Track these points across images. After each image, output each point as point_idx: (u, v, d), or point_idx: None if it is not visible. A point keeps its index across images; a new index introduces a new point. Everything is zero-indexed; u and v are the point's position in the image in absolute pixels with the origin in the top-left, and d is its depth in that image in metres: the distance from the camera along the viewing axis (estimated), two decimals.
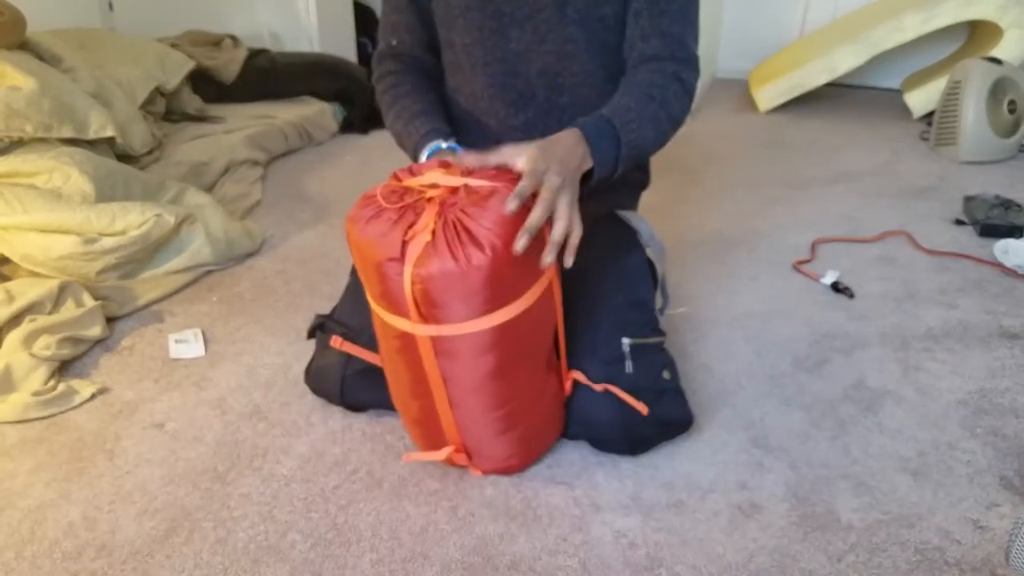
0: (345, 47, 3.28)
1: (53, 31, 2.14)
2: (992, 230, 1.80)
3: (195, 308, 1.51)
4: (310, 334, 1.22)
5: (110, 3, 2.63)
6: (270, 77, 2.67)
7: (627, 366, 1.02)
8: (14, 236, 1.51)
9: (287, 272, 1.66)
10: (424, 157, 1.05)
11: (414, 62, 1.18)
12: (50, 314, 1.36)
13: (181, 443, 1.13)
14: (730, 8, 3.40)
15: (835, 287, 1.57)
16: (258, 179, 2.18)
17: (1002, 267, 1.65)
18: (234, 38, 2.81)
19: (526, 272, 0.86)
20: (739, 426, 1.15)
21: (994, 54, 2.46)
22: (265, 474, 1.06)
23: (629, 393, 1.01)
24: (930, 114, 2.64)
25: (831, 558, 0.92)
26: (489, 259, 0.80)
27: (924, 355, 1.34)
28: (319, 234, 1.86)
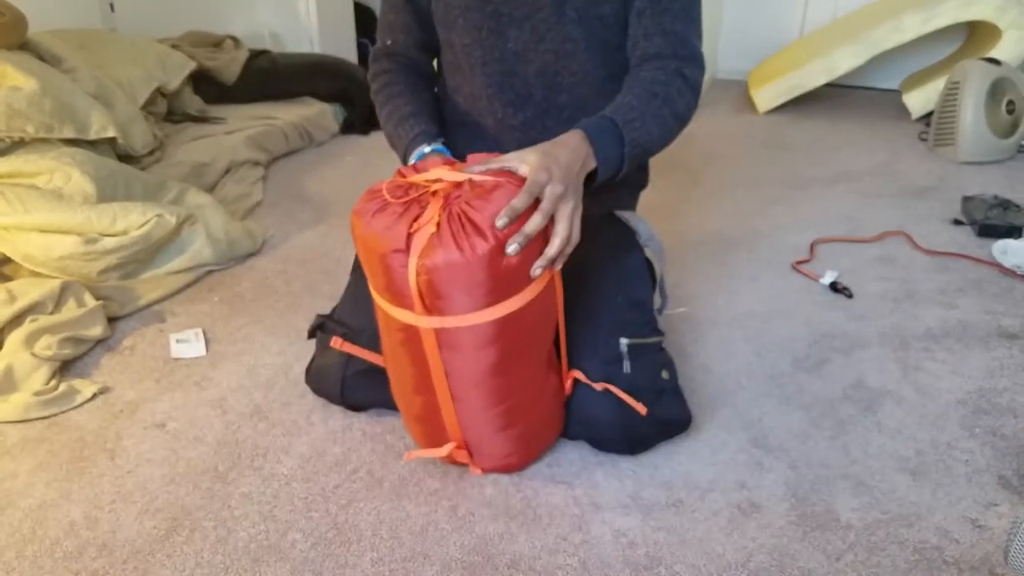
0: (345, 48, 3.28)
1: (54, 31, 2.14)
2: (991, 230, 1.80)
3: (196, 308, 1.52)
4: (310, 334, 1.23)
5: (111, 4, 2.64)
6: (271, 78, 2.68)
7: (625, 366, 1.03)
8: (15, 236, 1.52)
9: (288, 272, 1.67)
10: (412, 161, 1.05)
11: (409, 62, 1.19)
12: (51, 314, 1.37)
13: (182, 443, 1.13)
14: (730, 8, 3.40)
15: (834, 287, 1.57)
16: (259, 179, 2.19)
17: (1001, 267, 1.66)
18: (235, 39, 2.81)
19: (528, 266, 0.86)
20: (738, 426, 1.16)
21: (993, 55, 2.46)
22: (266, 474, 1.06)
23: (628, 393, 1.01)
24: (929, 114, 2.64)
25: (830, 557, 0.92)
26: (492, 249, 0.81)
27: (923, 355, 1.34)
28: (320, 234, 1.86)
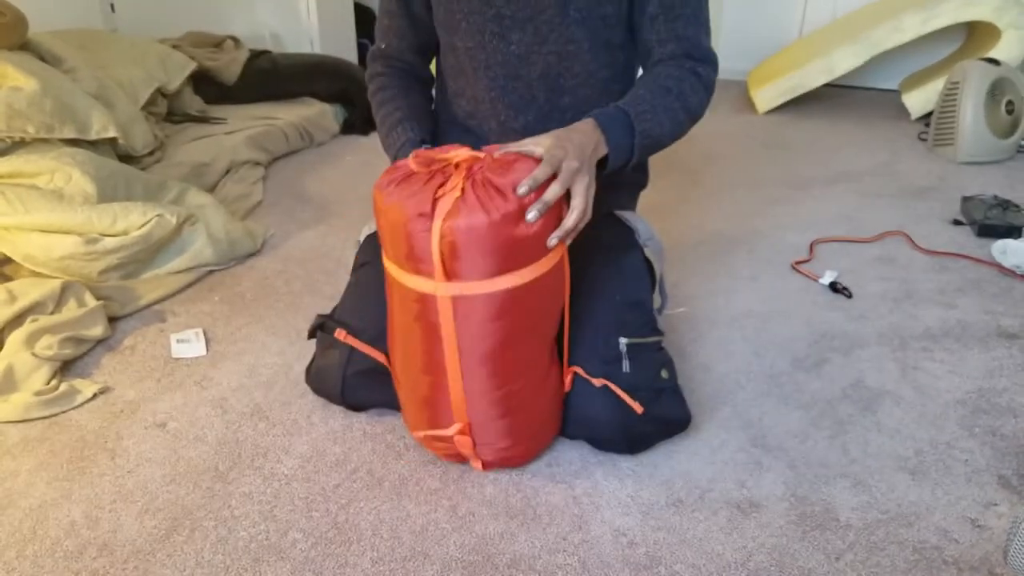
0: (346, 48, 3.28)
1: (54, 32, 2.14)
2: (990, 230, 1.80)
3: (197, 308, 1.52)
4: (311, 334, 1.23)
5: (111, 4, 2.64)
6: (271, 78, 2.68)
7: (624, 365, 1.03)
8: (16, 236, 1.52)
9: (288, 272, 1.67)
10: None
11: (404, 66, 1.22)
12: (52, 314, 1.37)
13: (182, 442, 1.13)
14: (729, 9, 3.40)
15: (834, 287, 1.57)
16: (259, 179, 2.19)
17: (1000, 267, 1.66)
18: (235, 39, 2.81)
19: (544, 239, 0.89)
20: (738, 425, 1.16)
21: (992, 55, 2.46)
22: (266, 473, 1.07)
23: (627, 392, 1.01)
24: (928, 115, 2.64)
25: (829, 557, 0.92)
26: (514, 212, 0.84)
27: (922, 355, 1.34)
28: (320, 234, 1.87)
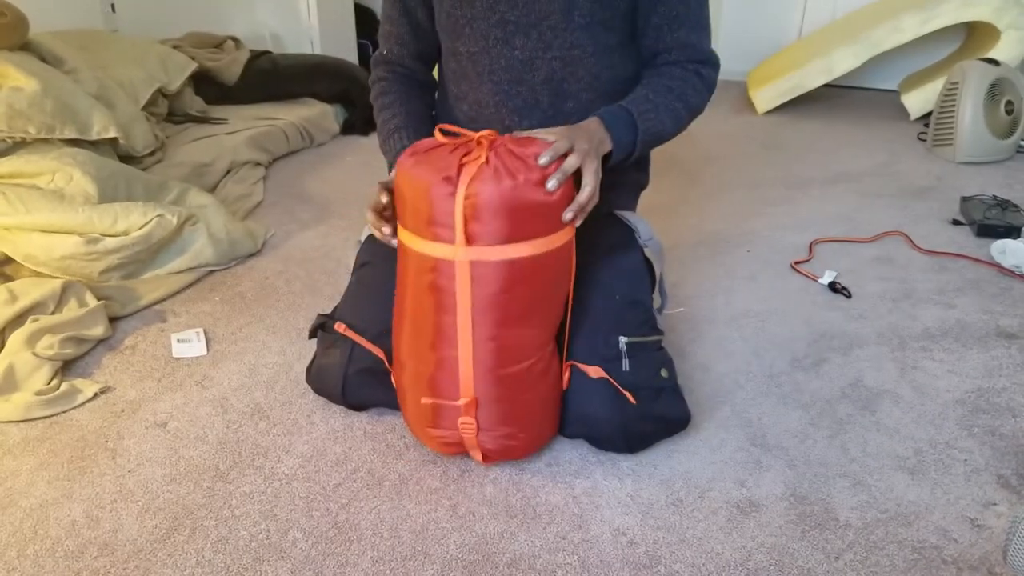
0: (346, 49, 3.29)
1: (55, 32, 2.14)
2: (989, 230, 1.81)
3: (197, 308, 1.52)
4: (311, 334, 1.23)
5: (112, 5, 2.64)
6: (272, 79, 2.68)
7: (624, 364, 1.03)
8: (17, 236, 1.52)
9: (288, 272, 1.67)
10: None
11: (405, 71, 1.24)
12: (53, 314, 1.37)
13: (183, 442, 1.13)
14: (729, 9, 3.41)
15: (833, 287, 1.57)
16: (260, 180, 2.19)
17: (999, 267, 1.66)
18: (236, 40, 2.82)
19: (559, 212, 0.93)
20: (737, 425, 1.16)
21: (991, 55, 2.47)
22: (267, 473, 1.07)
23: (626, 391, 1.02)
24: (928, 115, 2.64)
25: (829, 556, 0.92)
26: (536, 179, 0.89)
27: (921, 354, 1.35)
28: (320, 234, 1.87)
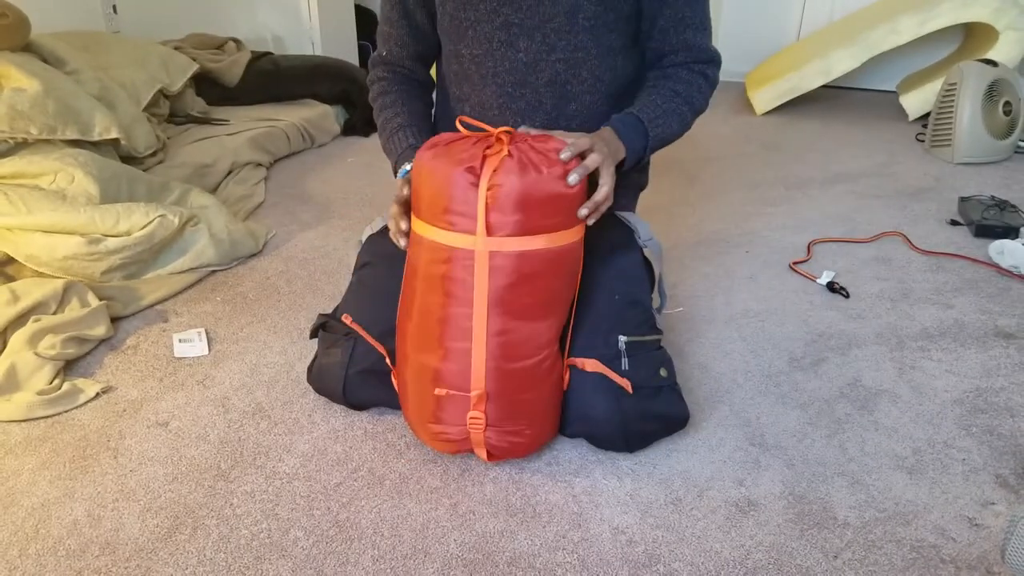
0: (347, 50, 3.29)
1: (57, 33, 2.15)
2: (987, 231, 1.81)
3: (199, 308, 1.52)
4: (312, 334, 1.24)
5: (114, 6, 2.65)
6: (273, 80, 2.69)
7: (623, 363, 1.04)
8: (19, 237, 1.53)
9: (289, 272, 1.68)
10: (400, 175, 1.10)
11: (405, 71, 1.25)
12: (55, 314, 1.38)
13: (185, 441, 1.14)
14: (728, 11, 3.42)
15: (831, 287, 1.58)
16: (261, 180, 2.20)
17: (997, 267, 1.67)
18: (237, 41, 2.82)
19: (575, 206, 0.95)
20: (736, 424, 1.16)
21: (990, 56, 2.47)
22: (268, 472, 1.07)
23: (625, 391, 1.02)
24: (926, 116, 2.65)
25: (827, 555, 0.93)
26: (558, 173, 0.91)
27: (919, 354, 1.35)
28: (321, 235, 1.87)
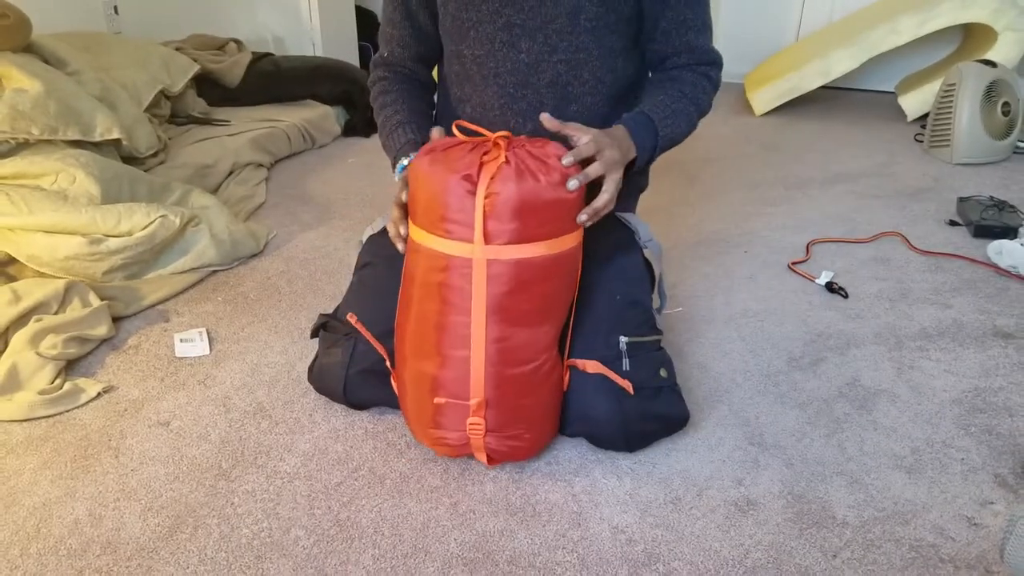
0: (347, 51, 3.30)
1: (58, 34, 2.15)
2: (986, 231, 1.81)
3: (200, 308, 1.53)
4: (313, 333, 1.24)
5: (115, 7, 2.65)
6: (274, 81, 2.69)
7: (624, 363, 1.04)
8: (20, 237, 1.53)
9: (290, 272, 1.68)
10: (399, 170, 1.10)
11: (406, 72, 1.25)
12: (56, 314, 1.38)
13: (186, 441, 1.14)
14: (727, 11, 3.42)
15: (830, 287, 1.58)
16: (262, 181, 2.20)
17: (996, 268, 1.67)
18: (238, 42, 2.83)
19: (573, 212, 0.95)
20: (735, 424, 1.17)
21: (988, 57, 2.48)
22: (269, 471, 1.08)
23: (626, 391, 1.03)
24: (925, 116, 2.65)
25: (826, 554, 0.93)
26: (557, 180, 0.91)
27: (918, 354, 1.36)
28: (322, 235, 1.88)
